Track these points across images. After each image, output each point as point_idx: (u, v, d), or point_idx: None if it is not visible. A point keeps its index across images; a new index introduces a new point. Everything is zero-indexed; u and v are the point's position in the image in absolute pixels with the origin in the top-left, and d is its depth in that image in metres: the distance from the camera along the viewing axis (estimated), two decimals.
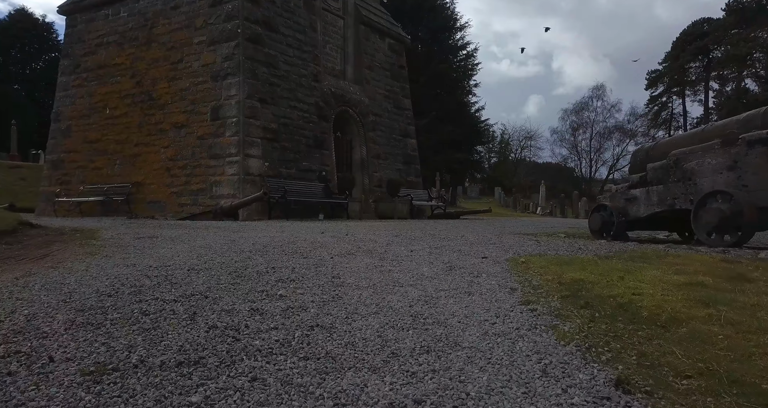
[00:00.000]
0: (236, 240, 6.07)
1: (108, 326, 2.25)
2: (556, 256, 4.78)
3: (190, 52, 15.35)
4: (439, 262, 4.49)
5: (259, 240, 6.14)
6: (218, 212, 13.02)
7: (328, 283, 3.46)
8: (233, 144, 14.33)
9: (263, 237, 6.62)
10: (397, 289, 3.33)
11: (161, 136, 15.49)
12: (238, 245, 5.50)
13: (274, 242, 5.91)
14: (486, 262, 4.45)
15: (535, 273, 3.79)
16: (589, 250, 5.44)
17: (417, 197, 19.23)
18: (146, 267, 3.87)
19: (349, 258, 4.66)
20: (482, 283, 3.52)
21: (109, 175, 16.29)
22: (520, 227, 11.39)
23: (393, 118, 20.48)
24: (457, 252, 5.19)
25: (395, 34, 21.07)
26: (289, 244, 5.70)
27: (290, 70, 15.97)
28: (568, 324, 2.36)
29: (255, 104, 14.64)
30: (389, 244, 5.93)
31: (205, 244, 5.54)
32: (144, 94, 15.96)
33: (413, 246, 5.73)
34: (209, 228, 8.51)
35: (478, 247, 5.56)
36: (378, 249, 5.38)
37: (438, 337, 2.27)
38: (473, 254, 5.02)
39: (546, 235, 8.26)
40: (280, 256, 4.64)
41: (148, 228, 8.08)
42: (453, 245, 5.77)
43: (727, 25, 43.61)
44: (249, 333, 2.28)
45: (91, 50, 17.13)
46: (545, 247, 5.61)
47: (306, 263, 4.29)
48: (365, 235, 7.05)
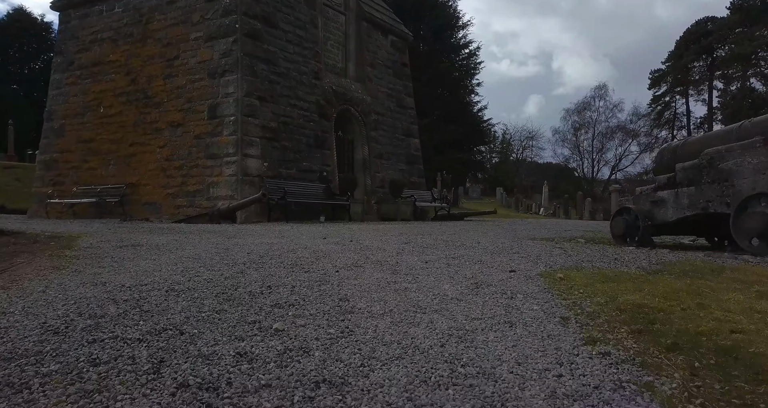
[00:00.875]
0: (230, 248, 5.42)
1: (34, 389, 1.61)
2: (596, 270, 4.13)
3: (186, 49, 14.72)
4: (461, 277, 3.85)
5: (255, 248, 5.50)
6: (215, 215, 12.38)
7: (335, 309, 2.81)
8: (231, 143, 13.70)
9: (260, 244, 5.98)
10: (419, 316, 2.69)
11: (157, 136, 14.85)
12: (231, 255, 4.85)
13: (272, 251, 5.27)
14: (516, 278, 3.81)
15: (582, 294, 3.15)
16: (627, 261, 4.79)
17: (420, 198, 18.59)
18: (117, 287, 3.22)
19: (357, 272, 4.01)
20: (522, 308, 2.87)
21: (103, 176, 15.66)
22: (532, 231, 10.75)
23: (396, 117, 19.84)
24: (478, 263, 4.55)
25: (398, 30, 20.43)
26: (289, 254, 5.06)
27: (290, 67, 15.33)
28: (666, 382, 1.72)
29: (254, 102, 14.01)
30: (400, 252, 5.28)
31: (194, 254, 4.90)
32: (139, 92, 15.33)
33: (427, 255, 5.09)
34: (203, 233, 7.86)
35: (500, 257, 4.91)
36: (388, 259, 4.74)
37: (490, 402, 1.63)
38: (497, 266, 4.38)
39: (566, 241, 7.61)
40: (277, 270, 3.99)
41: (138, 233, 7.44)
42: (471, 254, 5.12)
43: (732, 23, 42.97)
44: (231, 395, 1.64)
45: (84, 47, 16.49)
46: (576, 258, 4.96)
47: (308, 279, 3.64)
48: (372, 242, 6.41)
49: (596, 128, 53.36)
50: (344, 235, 7.80)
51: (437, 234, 8.72)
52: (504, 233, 9.41)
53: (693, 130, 50.74)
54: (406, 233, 8.66)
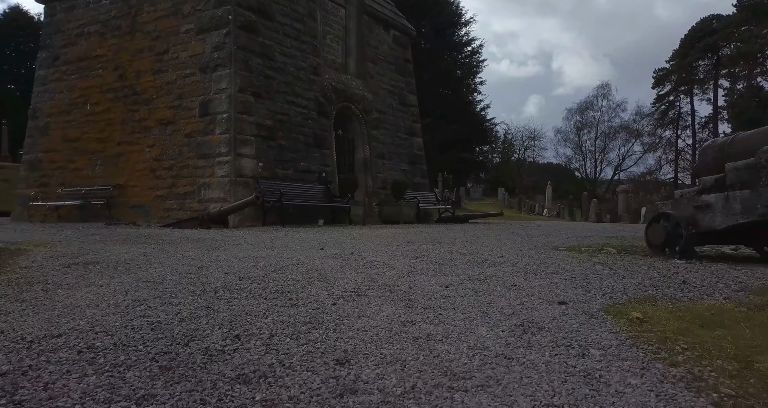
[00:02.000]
0: (205, 266, 4.43)
1: None
2: (676, 303, 3.14)
3: (177, 42, 13.72)
4: (497, 313, 2.86)
5: (236, 265, 4.51)
6: (205, 219, 11.38)
7: (330, 383, 1.82)
8: (224, 142, 12.71)
9: (244, 259, 4.99)
10: (458, 398, 1.70)
11: (146, 134, 13.86)
12: (203, 277, 3.87)
13: (256, 270, 4.28)
14: (573, 315, 2.82)
15: (689, 352, 2.15)
16: (699, 285, 3.80)
17: (423, 200, 17.59)
18: (10, 343, 2.23)
19: (361, 304, 3.03)
20: (611, 380, 1.88)
21: (89, 177, 14.66)
22: (549, 236, 9.75)
23: (398, 115, 18.85)
24: (512, 289, 3.56)
25: (400, 25, 19.43)
26: (276, 274, 4.08)
27: (287, 62, 14.33)
28: None
29: (248, 98, 13.01)
30: (411, 272, 4.30)
31: (158, 275, 3.91)
32: (127, 88, 14.33)
33: (445, 275, 4.10)
34: (184, 242, 6.87)
35: (537, 279, 3.92)
36: (398, 283, 3.76)
37: None
38: (539, 294, 3.39)
39: (596, 251, 6.62)
40: (255, 304, 3.00)
41: (108, 243, 6.44)
42: (499, 274, 4.13)
43: (738, 21, 41.92)
44: None
45: (70, 41, 15.49)
46: (631, 280, 3.96)
47: (293, 320, 2.65)
48: (376, 255, 5.41)
49: (599, 128, 52.40)
50: (344, 245, 6.80)
51: (448, 242, 7.72)
52: (521, 241, 8.42)
53: (698, 130, 49.78)
54: (414, 241, 7.67)
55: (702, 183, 6.58)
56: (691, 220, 6.44)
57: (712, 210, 6.28)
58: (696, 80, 48.46)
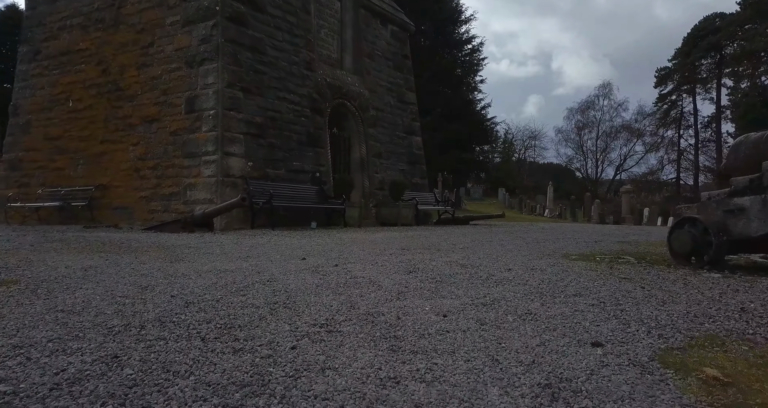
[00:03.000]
0: (153, 285, 3.65)
1: None
2: (753, 348, 2.35)
3: (162, 35, 12.93)
4: (512, 361, 2.08)
5: (191, 284, 3.72)
6: (188, 222, 10.59)
7: None
8: (210, 140, 11.93)
9: (206, 274, 4.20)
10: None
11: (129, 132, 13.08)
12: (140, 302, 3.08)
13: (213, 291, 3.49)
14: (617, 367, 2.04)
15: None
16: (761, 311, 3.01)
17: (422, 201, 16.81)
18: None
19: (330, 348, 2.24)
20: None
21: (71, 177, 13.88)
22: (557, 241, 8.96)
23: (396, 113, 18.06)
24: (527, 319, 2.78)
25: (398, 20, 18.63)
26: (234, 297, 3.30)
27: (279, 57, 13.54)
28: None
29: (237, 94, 12.24)
30: (402, 292, 3.51)
31: (83, 300, 3.12)
32: (110, 84, 13.54)
33: (443, 297, 3.31)
34: (151, 249, 6.08)
35: (557, 305, 3.13)
36: (384, 310, 2.97)
37: None
38: (562, 327, 2.60)
39: (614, 261, 5.83)
40: (185, 349, 2.21)
41: (62, 253, 5.65)
42: (509, 297, 3.35)
43: (742, 19, 41.07)
44: None
45: (52, 35, 14.71)
46: (674, 306, 3.16)
47: (225, 383, 1.86)
48: (364, 268, 4.63)
49: (600, 127, 51.59)
50: (330, 254, 6.02)
51: (447, 249, 6.94)
52: (527, 247, 7.63)
53: (700, 130, 48.93)
54: (410, 248, 6.88)
55: (734, 184, 5.79)
56: (722, 226, 5.65)
57: (746, 215, 5.49)
58: (699, 79, 47.60)
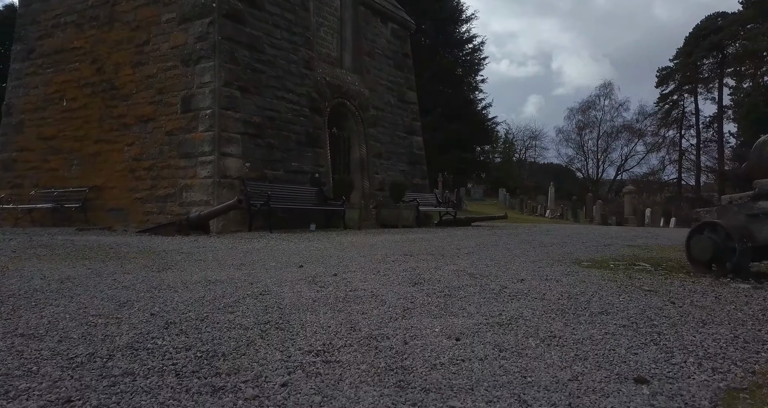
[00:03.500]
0: (133, 300, 3.30)
1: None
2: None
3: (157, 32, 12.59)
4: (543, 402, 1.73)
5: (176, 298, 3.38)
6: (183, 224, 10.24)
7: None
8: (207, 140, 11.58)
9: (194, 285, 3.86)
10: None
11: (124, 132, 12.73)
12: (114, 322, 2.74)
13: (199, 306, 3.15)
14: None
15: None
16: None
17: (423, 202, 16.46)
18: None
19: (326, 385, 1.90)
20: None
21: (65, 178, 13.53)
22: (563, 244, 8.61)
23: (396, 112, 17.71)
24: (551, 344, 2.43)
25: (399, 18, 18.29)
26: (221, 315, 2.95)
27: (277, 55, 13.20)
28: None
29: (234, 93, 11.89)
30: (408, 309, 3.17)
31: (50, 320, 2.78)
32: (105, 83, 13.20)
33: (454, 316, 2.97)
34: (139, 256, 5.74)
35: (582, 325, 2.79)
36: (389, 332, 2.63)
37: None
38: (594, 355, 2.26)
39: (629, 268, 5.50)
40: (153, 390, 1.87)
41: (43, 260, 5.31)
42: (526, 313, 3.00)
43: (744, 19, 40.72)
44: None
45: (46, 32, 14.36)
46: (719, 329, 2.81)
47: None
48: (365, 278, 4.29)
49: (601, 127, 51.25)
50: (329, 260, 5.68)
51: (452, 254, 6.60)
52: (535, 252, 7.29)
53: (702, 130, 48.56)
54: (413, 254, 6.54)
55: (758, 187, 5.45)
56: (745, 232, 5.30)
57: None
58: (700, 79, 47.23)
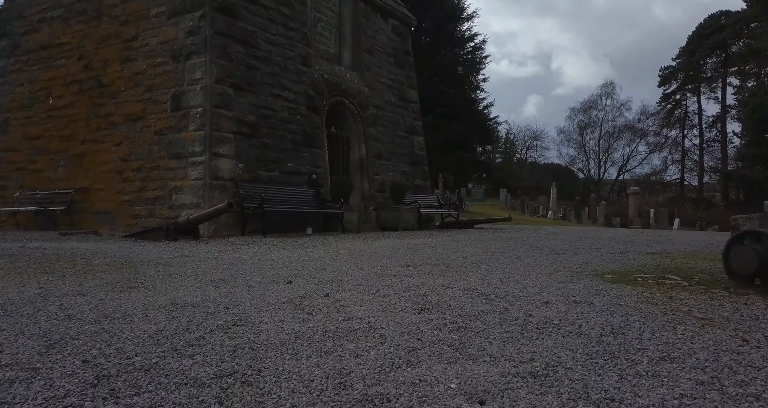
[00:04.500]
0: (71, 337, 2.63)
1: None
2: None
3: (146, 27, 11.92)
4: None
5: (126, 333, 2.71)
6: (171, 229, 9.57)
7: None
8: (198, 140, 10.92)
9: (156, 312, 3.20)
10: None
11: (112, 131, 12.07)
12: (19, 384, 2.08)
13: (154, 345, 2.49)
14: None
15: None
16: None
17: (425, 203, 15.81)
18: None
19: None
20: None
21: (51, 179, 12.87)
22: (575, 251, 7.95)
23: (397, 111, 17.04)
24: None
25: (400, 14, 17.61)
26: (175, 360, 2.29)
27: (273, 51, 12.53)
28: None
29: (226, 90, 11.23)
30: (413, 350, 2.50)
31: None
32: (93, 80, 12.53)
33: (473, 362, 2.31)
34: (109, 269, 5.08)
35: (645, 381, 2.12)
36: (391, 389, 1.98)
37: None
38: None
39: (661, 283, 4.83)
40: None
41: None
42: (564, 358, 2.34)
43: (747, 17, 40.03)
44: None
45: (32, 28, 13.69)
46: None
47: None
48: (362, 300, 3.62)
49: (603, 127, 50.55)
50: (322, 273, 5.01)
51: (460, 266, 5.93)
52: (548, 261, 6.63)
53: (705, 130, 47.80)
54: (416, 265, 5.88)
55: None
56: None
57: None
58: (703, 78, 46.48)
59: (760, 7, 37.93)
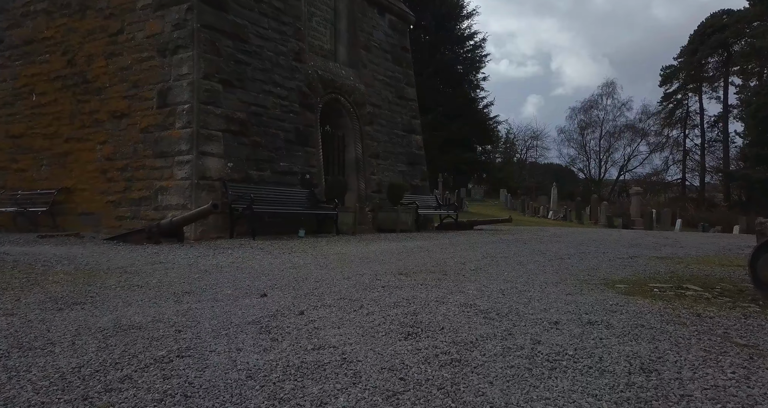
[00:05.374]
0: None
1: None
2: None
3: (132, 20, 11.37)
4: None
5: (32, 371, 2.16)
6: (154, 232, 9.02)
7: None
8: (184, 138, 10.38)
9: (93, 335, 2.65)
10: None
11: (97, 129, 11.53)
12: None
13: (58, 393, 1.94)
14: None
15: None
16: None
17: (423, 204, 15.27)
18: None
19: None
20: None
21: (34, 179, 12.33)
22: (581, 256, 7.40)
23: (394, 109, 16.49)
24: None
25: (397, 9, 17.06)
26: (91, 406, 1.74)
27: (264, 46, 11.98)
28: None
29: (215, 86, 10.68)
30: (392, 396, 1.95)
31: None
32: (77, 76, 11.99)
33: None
34: (71, 277, 4.52)
35: None
36: None
37: None
38: None
39: (682, 295, 4.28)
40: None
41: None
42: (584, 406, 1.78)
43: (751, 16, 39.45)
44: None
45: (15, 22, 13.14)
46: None
47: None
48: (339, 322, 3.07)
49: (604, 127, 49.97)
50: (303, 283, 4.47)
51: (457, 273, 5.39)
52: (552, 268, 6.08)
53: (707, 130, 47.21)
54: (409, 273, 5.33)
55: None
56: None
57: None
58: (705, 78, 45.89)
59: (762, 5, 37.35)
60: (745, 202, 37.81)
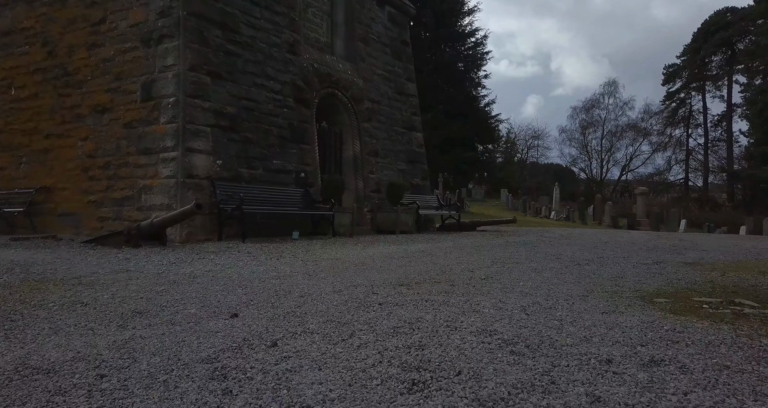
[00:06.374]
0: None
1: None
2: None
3: (115, 9, 10.60)
4: None
5: None
6: (133, 234, 8.24)
7: None
8: (170, 134, 9.60)
9: None
10: None
11: (78, 124, 10.76)
12: None
13: None
14: None
15: None
16: None
17: (424, 204, 14.49)
18: None
19: None
20: None
21: (13, 178, 11.57)
22: (600, 261, 6.64)
23: (394, 105, 15.71)
24: None
25: (397, 1, 16.27)
26: None
27: (257, 36, 11.20)
28: None
29: (202, 79, 9.91)
30: None
31: None
32: (58, 68, 11.22)
33: None
34: (15, 291, 3.77)
35: None
36: None
37: None
38: None
39: (741, 315, 3.51)
40: None
41: None
42: None
43: (754, 14, 38.67)
44: None
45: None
46: None
47: None
48: (321, 357, 2.31)
49: (605, 127, 49.17)
50: (285, 299, 3.70)
51: (467, 284, 4.62)
52: (573, 276, 5.32)
53: (710, 129, 46.41)
54: (411, 284, 4.56)
55: None
56: None
57: None
58: (709, 76, 45.10)
59: (767, 3, 36.58)
60: (750, 202, 37.03)
